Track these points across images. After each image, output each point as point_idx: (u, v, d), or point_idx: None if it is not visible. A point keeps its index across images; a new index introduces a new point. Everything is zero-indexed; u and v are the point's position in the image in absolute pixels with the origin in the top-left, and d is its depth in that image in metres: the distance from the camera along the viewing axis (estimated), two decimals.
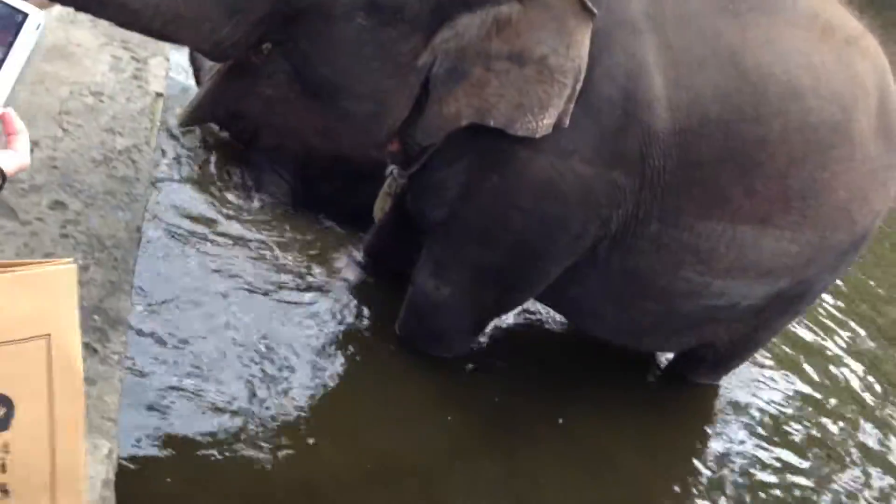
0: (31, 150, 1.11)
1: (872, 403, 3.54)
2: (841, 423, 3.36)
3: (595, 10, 2.23)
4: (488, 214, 2.57)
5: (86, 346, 2.09)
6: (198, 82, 3.26)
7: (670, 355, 3.31)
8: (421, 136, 2.37)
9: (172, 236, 2.91)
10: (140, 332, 2.47)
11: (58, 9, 3.31)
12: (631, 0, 2.39)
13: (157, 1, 2.01)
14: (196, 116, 2.23)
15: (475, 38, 2.23)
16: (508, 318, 3.19)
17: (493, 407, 2.83)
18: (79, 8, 2.06)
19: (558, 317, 3.25)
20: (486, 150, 2.38)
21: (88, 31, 3.39)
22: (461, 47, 2.24)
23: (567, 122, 2.32)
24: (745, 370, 3.37)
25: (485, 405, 2.82)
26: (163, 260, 2.79)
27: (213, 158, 3.31)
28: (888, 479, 3.17)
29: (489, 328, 3.01)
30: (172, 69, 3.53)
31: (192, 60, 3.32)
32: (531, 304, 3.20)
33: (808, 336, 3.76)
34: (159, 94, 3.28)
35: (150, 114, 3.14)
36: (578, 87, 2.29)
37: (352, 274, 3.10)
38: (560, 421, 2.86)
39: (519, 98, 2.28)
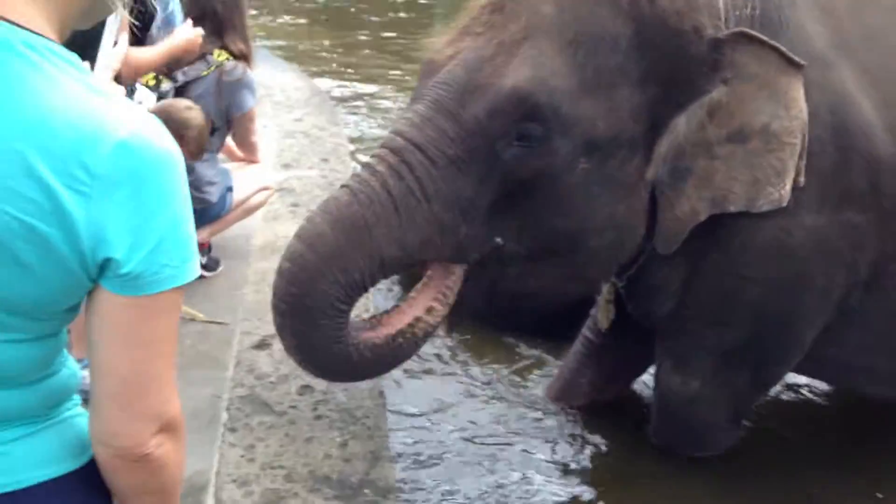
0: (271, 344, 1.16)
1: None
2: None
3: (802, 62, 2.15)
4: (718, 293, 2.43)
5: None
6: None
7: None
8: (662, 245, 2.30)
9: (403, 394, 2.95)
10: (410, 496, 2.48)
11: (262, 210, 3.63)
12: (812, 36, 2.28)
13: (405, 240, 2.09)
14: (454, 321, 2.30)
15: (690, 132, 2.19)
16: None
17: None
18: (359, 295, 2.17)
19: (822, 385, 2.98)
20: (701, 234, 2.27)
21: (291, 222, 3.66)
22: (678, 145, 2.20)
23: (802, 180, 2.21)
24: None
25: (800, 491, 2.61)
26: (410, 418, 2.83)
27: None
28: None
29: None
30: None
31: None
32: (791, 377, 2.96)
33: None
34: None
35: None
36: (806, 141, 2.19)
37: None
38: (879, 496, 2.60)
39: (752, 174, 2.20)
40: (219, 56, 3.23)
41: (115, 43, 2.65)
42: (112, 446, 0.99)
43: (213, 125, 3.22)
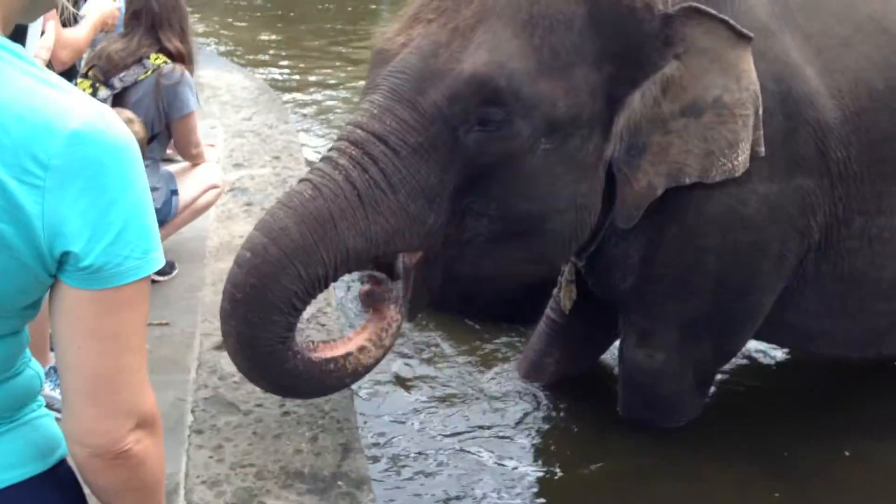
0: None
1: None
2: None
3: (750, 34, 2.17)
4: (677, 266, 2.46)
5: None
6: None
7: None
8: (623, 220, 2.30)
9: (376, 382, 2.94)
10: (384, 486, 2.47)
11: (215, 211, 3.58)
12: (754, 6, 2.31)
13: (371, 233, 2.07)
14: (416, 308, 2.28)
15: (644, 109, 2.20)
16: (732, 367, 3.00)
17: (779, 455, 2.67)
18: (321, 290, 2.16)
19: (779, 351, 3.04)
20: (657, 207, 2.29)
21: (245, 222, 3.61)
22: (633, 122, 2.20)
23: (762, 150, 2.24)
24: None
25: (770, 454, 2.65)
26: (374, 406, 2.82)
27: None
28: None
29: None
30: None
31: None
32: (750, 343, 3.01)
33: None
34: None
35: None
36: (760, 111, 2.21)
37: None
38: (846, 453, 2.67)
39: (706, 146, 2.22)
40: (156, 59, 3.15)
41: (43, 32, 2.61)
42: (89, 445, 0.96)
43: (154, 131, 3.16)
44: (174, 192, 3.27)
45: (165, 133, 3.27)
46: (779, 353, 3.18)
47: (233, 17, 9.19)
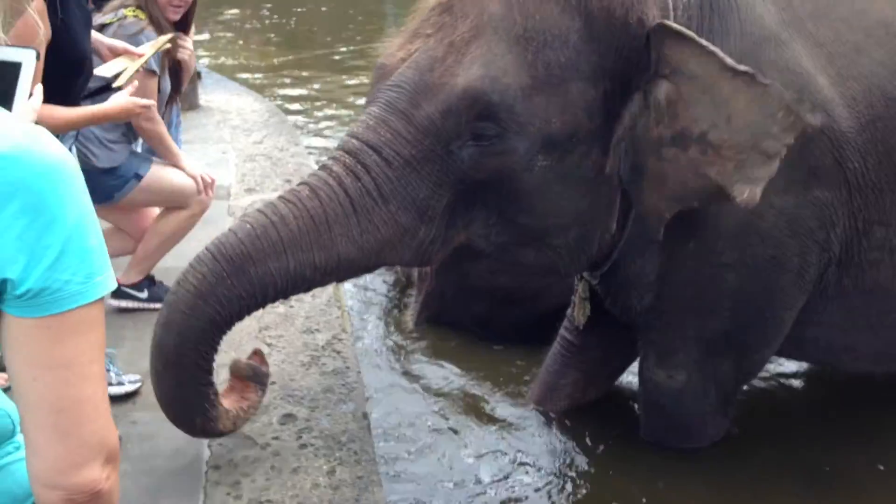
0: None
1: None
2: None
3: (749, 70, 2.06)
4: (695, 283, 2.41)
5: None
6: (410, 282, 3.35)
7: None
8: (651, 232, 2.25)
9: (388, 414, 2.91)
10: None
11: None
12: (762, 16, 2.27)
13: (363, 241, 2.06)
14: (426, 315, 2.27)
15: (641, 129, 2.14)
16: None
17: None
18: (314, 288, 2.21)
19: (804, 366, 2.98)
20: (674, 222, 2.25)
21: None
22: (631, 142, 2.16)
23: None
24: None
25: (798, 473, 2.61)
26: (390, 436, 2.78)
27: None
28: None
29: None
30: None
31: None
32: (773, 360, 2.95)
33: None
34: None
35: (337, 301, 3.24)
36: (782, 155, 2.09)
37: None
38: (881, 468, 2.61)
39: (701, 182, 2.14)
40: (130, 12, 3.01)
41: (31, 95, 2.49)
42: (61, 487, 0.91)
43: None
44: (137, 176, 3.05)
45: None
46: (796, 365, 3.13)
47: (243, 39, 9.24)
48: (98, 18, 2.99)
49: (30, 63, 1.28)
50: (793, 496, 2.50)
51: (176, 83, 3.22)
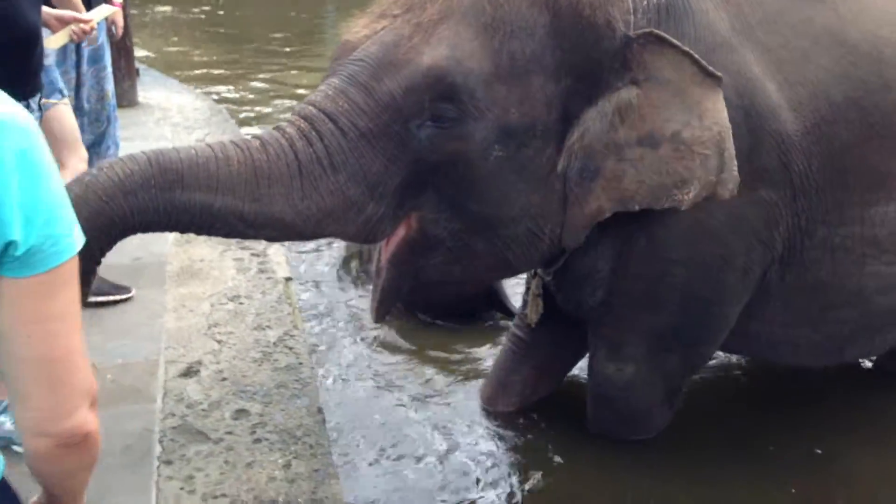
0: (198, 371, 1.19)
1: None
2: None
3: (719, 74, 2.16)
4: (646, 278, 2.47)
5: None
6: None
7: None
8: (567, 238, 2.31)
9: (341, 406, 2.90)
10: None
11: (174, 235, 3.50)
12: (715, 22, 2.34)
13: (302, 207, 2.04)
14: (384, 310, 2.26)
15: (600, 132, 2.19)
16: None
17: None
18: (232, 237, 2.13)
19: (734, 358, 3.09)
20: (626, 220, 2.31)
21: (205, 245, 3.54)
22: (588, 144, 2.20)
23: (727, 193, 2.22)
24: None
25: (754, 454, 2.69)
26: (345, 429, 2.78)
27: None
28: None
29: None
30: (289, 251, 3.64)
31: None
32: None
33: None
34: (288, 279, 3.37)
35: (287, 298, 3.22)
36: (729, 152, 2.20)
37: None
38: (818, 451, 2.72)
39: (660, 179, 2.21)
40: None
41: None
42: (54, 434, 0.96)
43: None
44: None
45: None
46: (742, 363, 3.23)
47: (177, 35, 9.07)
48: None
49: None
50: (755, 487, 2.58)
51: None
